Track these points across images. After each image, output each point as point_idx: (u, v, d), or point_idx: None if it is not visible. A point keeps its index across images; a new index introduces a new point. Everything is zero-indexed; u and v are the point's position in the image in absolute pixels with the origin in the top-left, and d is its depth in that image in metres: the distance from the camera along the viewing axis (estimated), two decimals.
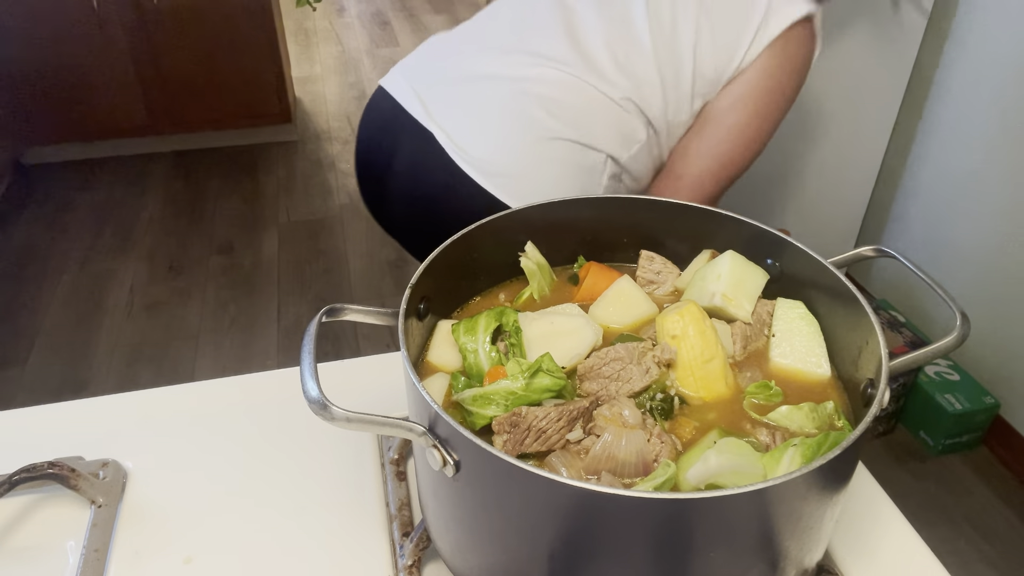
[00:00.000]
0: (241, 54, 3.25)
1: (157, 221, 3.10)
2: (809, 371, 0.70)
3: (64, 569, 0.70)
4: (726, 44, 1.10)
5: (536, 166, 1.12)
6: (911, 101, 2.30)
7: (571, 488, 0.49)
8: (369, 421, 0.55)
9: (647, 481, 0.58)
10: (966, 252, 2.20)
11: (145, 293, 2.74)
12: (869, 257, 0.74)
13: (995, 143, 2.06)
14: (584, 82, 1.12)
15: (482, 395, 0.62)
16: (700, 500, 0.50)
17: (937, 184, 2.29)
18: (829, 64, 2.09)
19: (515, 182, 1.12)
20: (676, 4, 1.12)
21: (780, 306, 0.74)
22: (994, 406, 2.13)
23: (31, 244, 2.97)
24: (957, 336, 0.64)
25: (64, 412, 0.87)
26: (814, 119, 2.19)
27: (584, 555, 0.54)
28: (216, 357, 2.47)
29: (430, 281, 0.69)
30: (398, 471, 0.79)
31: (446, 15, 5.06)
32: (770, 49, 1.10)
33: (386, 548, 0.72)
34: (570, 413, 0.61)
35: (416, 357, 0.71)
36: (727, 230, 0.77)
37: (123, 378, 2.40)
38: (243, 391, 0.90)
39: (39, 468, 0.71)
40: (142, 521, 0.74)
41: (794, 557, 0.58)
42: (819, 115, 2.19)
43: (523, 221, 0.76)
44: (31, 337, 2.55)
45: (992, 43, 2.03)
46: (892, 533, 0.74)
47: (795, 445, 0.58)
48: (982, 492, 2.11)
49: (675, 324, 0.68)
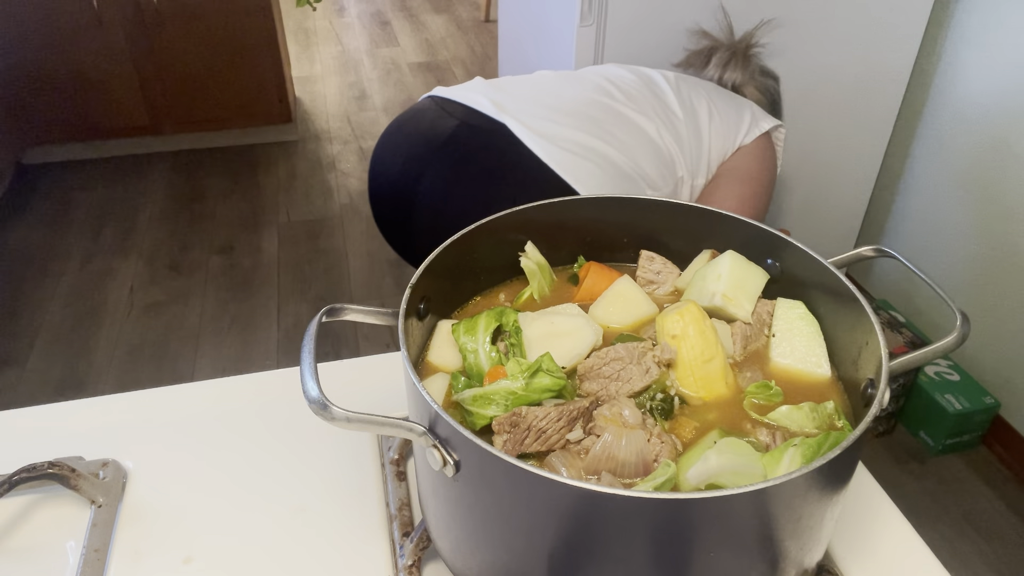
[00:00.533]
0: (241, 54, 3.25)
1: (157, 221, 3.10)
2: (809, 371, 0.70)
3: (64, 569, 0.70)
4: (729, 128, 1.46)
5: (598, 161, 1.29)
6: (911, 101, 2.30)
7: (571, 488, 0.49)
8: (369, 421, 0.55)
9: (647, 481, 0.58)
10: (966, 252, 2.20)
11: (145, 293, 2.74)
12: (869, 257, 0.74)
13: (996, 143, 2.06)
14: (643, 117, 1.37)
15: (482, 395, 0.62)
16: (700, 500, 0.50)
17: (937, 184, 2.29)
18: (829, 64, 2.09)
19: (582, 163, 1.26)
20: (691, 90, 1.46)
21: (780, 306, 0.74)
22: (994, 406, 2.14)
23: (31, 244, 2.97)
24: (957, 336, 0.64)
25: (64, 412, 0.87)
26: (814, 119, 2.19)
27: (584, 555, 0.54)
28: (216, 357, 2.47)
29: (430, 281, 0.69)
30: (398, 471, 0.79)
31: (446, 15, 5.06)
32: (759, 139, 1.50)
33: (386, 548, 0.72)
34: (570, 413, 0.61)
35: (416, 357, 0.71)
36: (727, 230, 0.77)
37: (123, 378, 2.40)
38: (243, 391, 0.91)
39: (39, 468, 0.71)
40: (142, 521, 0.74)
41: (794, 557, 0.58)
42: (819, 115, 2.19)
43: (523, 221, 0.76)
44: (31, 337, 2.55)
45: (992, 43, 2.03)
46: (892, 533, 0.74)
47: (795, 445, 0.58)
48: (982, 492, 2.11)
49: (675, 324, 0.68)
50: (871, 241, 2.57)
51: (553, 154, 1.25)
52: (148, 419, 0.86)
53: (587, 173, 1.26)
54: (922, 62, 2.22)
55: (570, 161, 1.26)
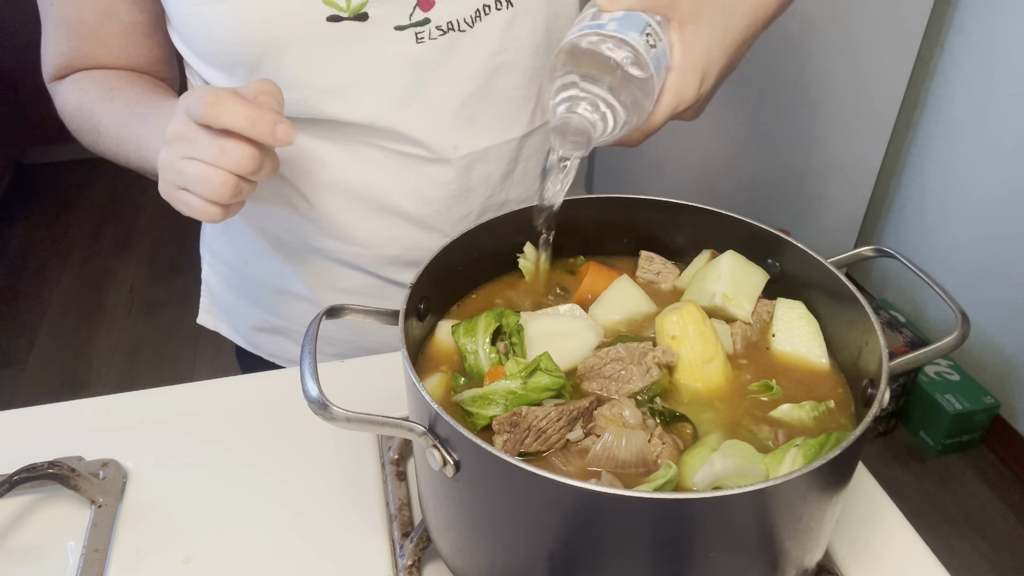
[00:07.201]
0: None
1: (157, 221, 3.10)
2: (809, 360, 0.71)
3: (64, 569, 0.70)
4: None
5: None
6: (911, 101, 2.30)
7: (571, 488, 0.49)
8: (369, 421, 0.55)
9: (648, 482, 0.58)
10: (966, 252, 2.20)
11: (145, 293, 2.75)
12: (869, 257, 0.74)
13: (996, 143, 2.06)
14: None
15: (482, 395, 0.62)
16: (700, 500, 0.50)
17: (937, 184, 2.29)
18: (829, 64, 2.09)
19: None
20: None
21: (780, 306, 0.74)
22: (994, 406, 2.14)
23: (31, 244, 2.97)
24: (957, 336, 0.64)
25: (64, 412, 0.87)
26: (814, 119, 2.19)
27: (584, 555, 0.54)
28: (216, 357, 2.47)
29: (430, 281, 0.69)
30: (398, 471, 0.79)
31: None
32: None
33: (386, 548, 0.72)
34: (570, 413, 0.61)
35: (416, 357, 0.71)
36: (727, 230, 0.77)
37: (123, 378, 2.40)
38: (243, 391, 0.90)
39: (39, 468, 0.71)
40: (142, 521, 0.74)
41: (794, 557, 0.58)
42: (819, 115, 2.19)
43: (523, 221, 0.76)
44: (31, 337, 2.55)
45: (993, 43, 2.03)
46: (892, 533, 0.74)
47: (797, 446, 0.58)
48: (982, 492, 2.11)
49: (675, 324, 0.68)
50: (871, 241, 2.58)
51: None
52: (148, 419, 0.85)
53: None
54: (922, 62, 2.22)
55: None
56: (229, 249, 1.03)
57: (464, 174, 0.87)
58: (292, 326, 1.02)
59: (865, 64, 2.14)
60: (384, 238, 0.90)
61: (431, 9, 0.78)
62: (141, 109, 0.83)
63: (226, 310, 1.09)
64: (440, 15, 0.78)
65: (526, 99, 0.88)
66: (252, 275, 1.02)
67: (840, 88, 2.15)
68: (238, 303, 1.06)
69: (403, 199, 0.88)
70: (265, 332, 1.06)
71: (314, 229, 0.91)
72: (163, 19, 0.84)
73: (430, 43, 0.79)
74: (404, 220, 0.89)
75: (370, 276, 0.94)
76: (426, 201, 0.88)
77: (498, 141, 0.88)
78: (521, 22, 0.82)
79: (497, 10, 0.81)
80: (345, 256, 0.92)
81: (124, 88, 0.87)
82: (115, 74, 0.89)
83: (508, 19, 0.81)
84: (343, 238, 0.91)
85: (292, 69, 0.78)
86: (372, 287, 0.95)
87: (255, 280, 1.02)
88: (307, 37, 0.76)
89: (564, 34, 0.69)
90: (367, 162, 0.86)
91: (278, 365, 1.07)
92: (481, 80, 0.83)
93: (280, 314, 1.02)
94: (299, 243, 0.93)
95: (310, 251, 0.93)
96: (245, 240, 0.98)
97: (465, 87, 0.83)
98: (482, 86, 0.84)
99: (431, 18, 0.78)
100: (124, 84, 0.87)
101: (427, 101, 0.82)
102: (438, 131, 0.84)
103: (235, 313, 1.08)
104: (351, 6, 0.75)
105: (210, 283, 1.10)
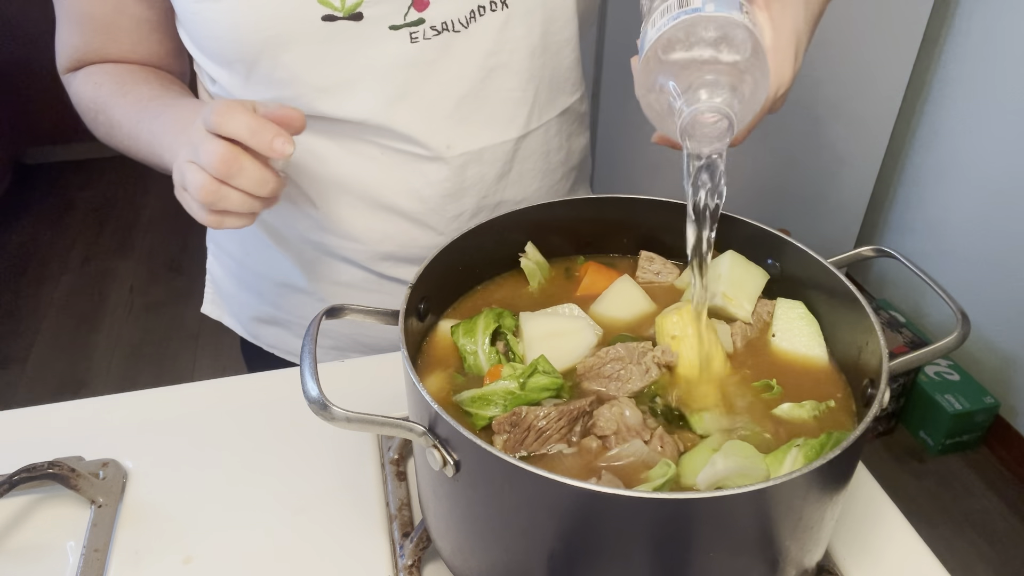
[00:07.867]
0: None
1: (157, 221, 3.10)
2: (809, 356, 0.71)
3: (64, 569, 0.70)
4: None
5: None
6: (912, 101, 2.30)
7: (571, 488, 0.49)
8: (369, 421, 0.55)
9: (647, 482, 0.58)
10: (966, 252, 2.20)
11: (145, 293, 2.75)
12: (869, 257, 0.74)
13: (997, 144, 2.06)
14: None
15: (481, 396, 0.63)
16: (700, 500, 0.50)
17: (937, 184, 2.29)
18: (829, 64, 2.09)
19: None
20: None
21: (780, 306, 0.74)
22: (994, 406, 2.14)
23: (31, 244, 2.98)
24: (957, 336, 0.64)
25: (64, 412, 0.87)
26: (814, 120, 2.19)
27: (584, 555, 0.54)
28: (216, 357, 2.47)
29: (430, 281, 0.69)
30: (398, 471, 0.79)
31: None
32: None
33: (386, 548, 0.72)
34: (570, 413, 0.61)
35: (416, 357, 0.71)
36: (727, 230, 0.76)
37: (123, 378, 2.40)
38: (243, 391, 0.90)
39: (39, 468, 0.71)
40: (142, 521, 0.74)
41: (794, 557, 0.58)
42: (819, 115, 2.19)
43: (523, 221, 0.76)
44: (31, 337, 2.55)
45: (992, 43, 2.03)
46: (892, 533, 0.74)
47: (798, 446, 0.58)
48: (982, 492, 2.11)
49: (675, 324, 0.68)
50: (871, 241, 2.58)
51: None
52: (148, 419, 0.85)
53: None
54: (922, 62, 2.22)
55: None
56: (232, 240, 1.04)
57: (459, 173, 0.88)
58: (291, 318, 1.03)
59: (865, 64, 2.14)
60: (379, 234, 0.91)
61: (426, 9, 0.78)
62: (154, 105, 0.84)
63: (229, 301, 1.10)
64: (435, 15, 0.79)
65: (522, 101, 0.88)
66: (253, 266, 1.03)
67: (840, 88, 2.15)
68: (240, 293, 1.07)
69: (398, 196, 0.88)
70: (265, 323, 1.07)
71: (312, 224, 0.91)
72: (171, 15, 0.86)
73: (424, 43, 0.79)
74: (399, 217, 0.90)
75: (367, 272, 0.95)
76: (420, 198, 0.88)
77: (493, 142, 0.88)
78: (516, 23, 0.82)
79: (492, 11, 0.81)
80: (342, 251, 0.93)
81: (137, 84, 0.88)
82: (128, 69, 0.90)
83: (503, 20, 0.82)
84: (340, 233, 0.91)
85: (288, 67, 0.79)
86: (369, 282, 0.95)
87: (256, 271, 1.02)
88: (303, 36, 0.77)
89: (569, 35, 0.65)
90: (363, 158, 0.86)
91: (279, 357, 1.08)
92: (476, 80, 0.84)
93: (280, 306, 1.03)
94: (298, 237, 0.94)
95: (308, 245, 0.94)
96: (247, 231, 0.99)
97: (459, 87, 0.83)
98: (477, 86, 0.84)
99: (425, 18, 0.78)
100: (137, 80, 0.89)
101: (421, 99, 0.83)
102: (432, 129, 0.85)
103: (237, 304, 1.09)
104: (345, 6, 0.76)
105: (214, 273, 1.12)
